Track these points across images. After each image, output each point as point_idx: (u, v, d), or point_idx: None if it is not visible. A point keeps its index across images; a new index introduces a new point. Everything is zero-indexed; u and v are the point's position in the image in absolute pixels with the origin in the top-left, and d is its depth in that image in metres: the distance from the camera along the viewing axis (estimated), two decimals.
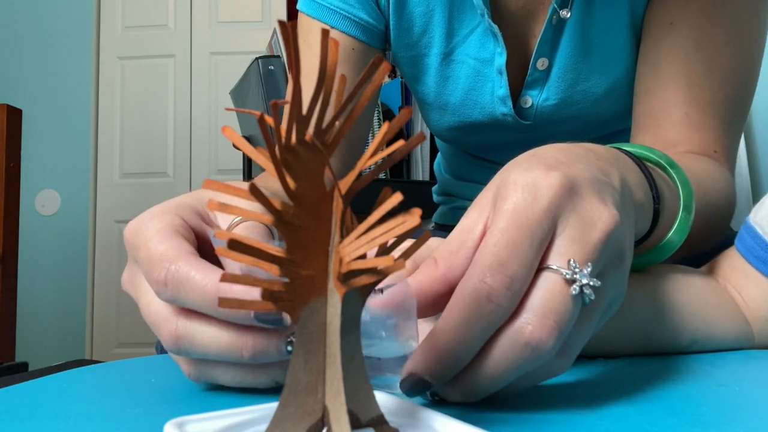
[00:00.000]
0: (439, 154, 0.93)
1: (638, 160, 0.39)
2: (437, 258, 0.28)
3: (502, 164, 0.31)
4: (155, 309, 0.31)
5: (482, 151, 0.79)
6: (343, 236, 0.19)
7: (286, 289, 0.18)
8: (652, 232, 0.39)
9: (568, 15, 0.62)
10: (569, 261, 0.26)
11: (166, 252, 0.30)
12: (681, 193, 0.41)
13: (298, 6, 0.72)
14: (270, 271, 0.18)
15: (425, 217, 0.20)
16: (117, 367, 0.40)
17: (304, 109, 0.18)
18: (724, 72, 0.57)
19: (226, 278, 0.17)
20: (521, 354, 0.25)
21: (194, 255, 0.30)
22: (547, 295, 0.26)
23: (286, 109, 0.18)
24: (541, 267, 0.26)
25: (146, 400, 0.31)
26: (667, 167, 0.42)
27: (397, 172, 2.56)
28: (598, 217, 0.28)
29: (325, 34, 0.17)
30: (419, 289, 0.27)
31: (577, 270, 0.26)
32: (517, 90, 0.68)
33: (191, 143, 3.06)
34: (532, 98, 0.68)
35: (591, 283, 0.26)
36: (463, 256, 0.28)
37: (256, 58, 1.55)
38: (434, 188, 0.94)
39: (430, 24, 0.68)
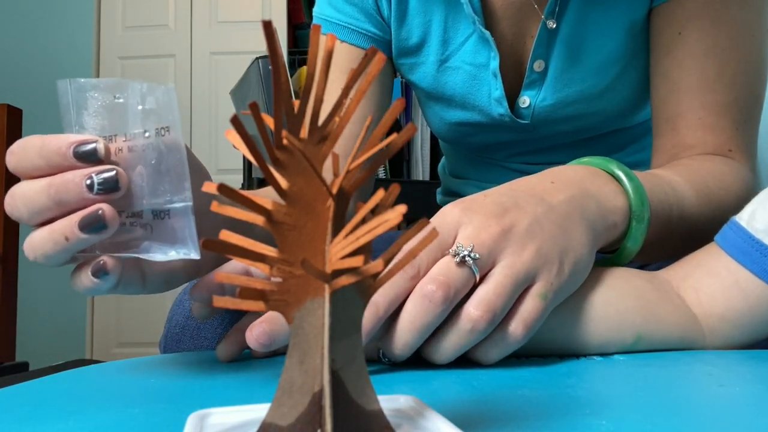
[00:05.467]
0: (443, 157, 0.96)
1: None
2: (378, 300, 0.34)
3: (502, 162, 0.33)
4: None
5: (483, 150, 0.80)
6: (335, 235, 0.19)
7: (278, 289, 0.18)
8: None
9: (554, 25, 0.65)
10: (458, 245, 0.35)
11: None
12: (632, 203, 0.44)
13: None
14: (262, 271, 0.18)
15: (427, 216, 0.20)
16: (117, 367, 0.40)
17: (296, 108, 0.18)
18: (733, 75, 0.60)
19: (221, 278, 0.17)
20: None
21: (46, 136, 0.34)
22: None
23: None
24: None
25: (146, 400, 0.31)
26: (623, 178, 0.45)
27: (398, 172, 2.56)
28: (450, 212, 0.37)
29: (315, 30, 0.17)
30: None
31: (461, 248, 0.34)
32: (515, 91, 0.70)
33: (191, 143, 3.06)
34: (530, 98, 0.69)
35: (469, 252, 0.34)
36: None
37: (256, 58, 1.55)
38: (438, 190, 0.96)
39: (427, 34, 0.71)
